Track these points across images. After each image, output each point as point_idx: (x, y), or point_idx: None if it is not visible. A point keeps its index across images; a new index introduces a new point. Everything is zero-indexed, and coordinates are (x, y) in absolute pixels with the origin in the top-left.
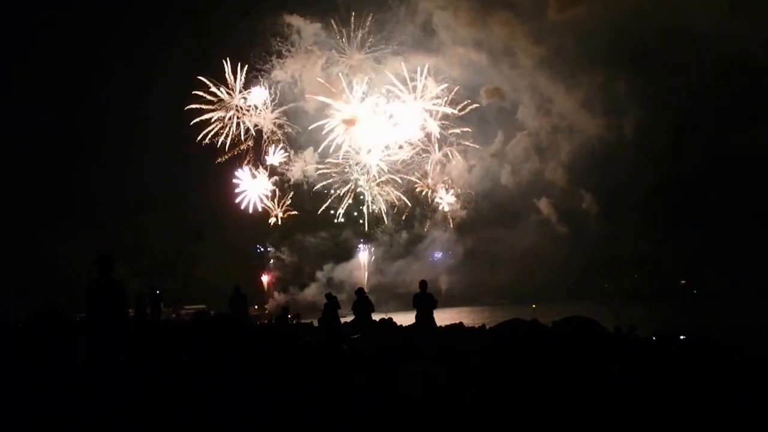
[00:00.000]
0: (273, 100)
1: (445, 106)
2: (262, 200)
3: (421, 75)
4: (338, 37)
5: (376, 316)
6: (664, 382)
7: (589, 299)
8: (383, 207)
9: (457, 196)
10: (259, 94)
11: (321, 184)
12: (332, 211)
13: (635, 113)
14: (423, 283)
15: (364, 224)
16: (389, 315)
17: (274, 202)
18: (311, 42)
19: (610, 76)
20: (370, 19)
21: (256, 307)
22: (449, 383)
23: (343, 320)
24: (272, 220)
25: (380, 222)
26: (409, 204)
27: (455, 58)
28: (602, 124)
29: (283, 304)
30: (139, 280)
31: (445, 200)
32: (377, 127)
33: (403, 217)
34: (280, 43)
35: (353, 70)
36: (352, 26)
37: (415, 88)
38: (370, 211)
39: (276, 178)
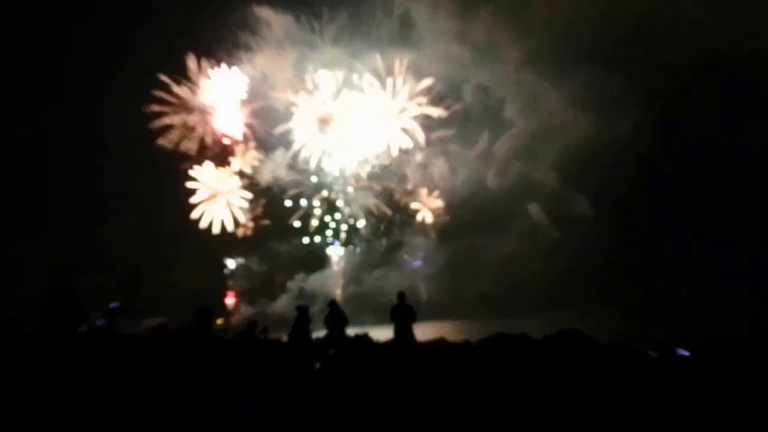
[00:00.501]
0: (241, 98)
1: (426, 104)
2: (229, 205)
3: (400, 72)
4: (310, 32)
5: (351, 331)
6: (665, 399)
7: (581, 310)
8: (359, 214)
9: (440, 201)
10: (225, 92)
11: (292, 191)
12: (295, 224)
13: (630, 110)
14: (401, 294)
15: (339, 231)
16: (365, 330)
17: (244, 210)
18: (282, 36)
19: (604, 70)
20: (344, 12)
21: (218, 321)
22: (432, 403)
23: (314, 335)
24: (241, 231)
25: (357, 229)
26: (389, 211)
27: (436, 53)
28: (595, 122)
29: (250, 317)
30: (96, 292)
31: (426, 205)
32: (352, 128)
33: (382, 227)
34: (248, 37)
35: (327, 67)
36: (324, 19)
37: (393, 86)
38: (346, 218)
39: (246, 181)
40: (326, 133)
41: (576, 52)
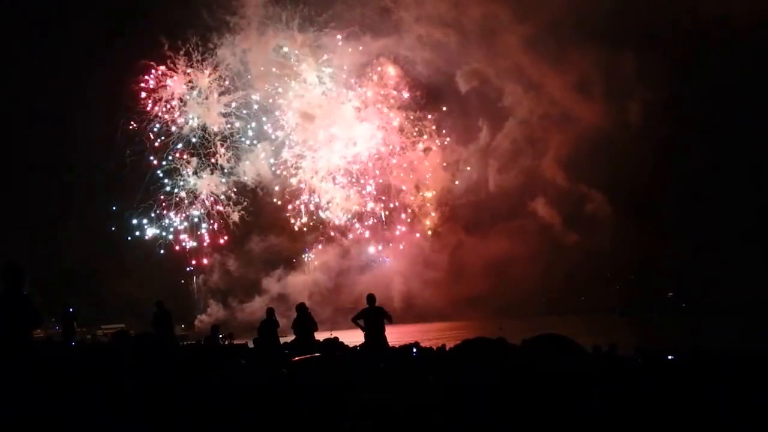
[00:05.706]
0: (220, 88)
1: (409, 94)
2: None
3: (378, 60)
4: (282, 17)
5: (321, 335)
6: (649, 408)
7: (565, 314)
8: (342, 210)
9: (432, 197)
10: (199, 81)
11: (275, 187)
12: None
13: (641, 96)
14: (371, 297)
15: (322, 230)
16: (334, 334)
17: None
18: (258, 21)
19: (612, 51)
20: None
21: (182, 326)
22: (405, 412)
23: (282, 340)
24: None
25: (342, 228)
26: (376, 208)
27: (418, 39)
28: (602, 110)
29: (214, 322)
30: (48, 297)
31: (416, 203)
32: (334, 121)
33: (366, 227)
34: (225, 20)
35: (302, 54)
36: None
37: (375, 75)
38: (328, 216)
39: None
40: (307, 127)
41: (581, 32)
